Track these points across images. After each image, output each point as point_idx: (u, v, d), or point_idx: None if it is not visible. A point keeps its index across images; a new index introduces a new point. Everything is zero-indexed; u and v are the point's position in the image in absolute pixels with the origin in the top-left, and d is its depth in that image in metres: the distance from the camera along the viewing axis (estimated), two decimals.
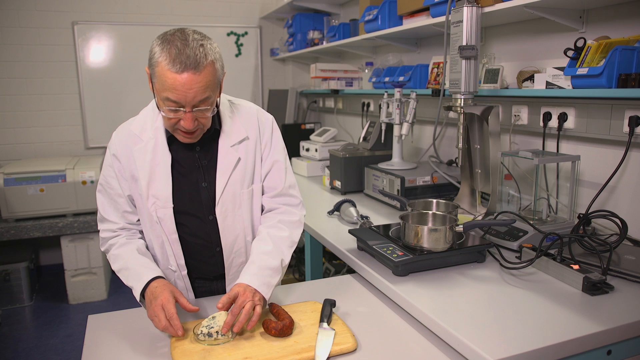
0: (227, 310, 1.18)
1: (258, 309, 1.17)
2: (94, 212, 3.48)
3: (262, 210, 1.48)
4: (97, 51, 3.99)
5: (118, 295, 3.64)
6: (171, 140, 1.36)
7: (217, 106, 1.30)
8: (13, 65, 3.78)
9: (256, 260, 1.30)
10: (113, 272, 3.93)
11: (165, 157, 1.34)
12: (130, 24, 4.06)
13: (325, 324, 1.19)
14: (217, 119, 1.38)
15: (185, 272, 1.43)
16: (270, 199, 1.47)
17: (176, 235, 1.38)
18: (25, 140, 3.90)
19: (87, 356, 1.14)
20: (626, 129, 1.60)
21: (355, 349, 1.12)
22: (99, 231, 1.43)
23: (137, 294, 1.26)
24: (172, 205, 1.35)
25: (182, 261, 1.41)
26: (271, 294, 1.27)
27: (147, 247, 1.42)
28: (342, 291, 1.44)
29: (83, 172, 3.41)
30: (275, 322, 1.17)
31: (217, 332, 1.13)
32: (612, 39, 1.59)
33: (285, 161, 1.48)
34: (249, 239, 1.45)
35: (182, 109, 1.20)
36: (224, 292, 1.50)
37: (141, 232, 1.45)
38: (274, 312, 1.24)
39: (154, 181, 1.34)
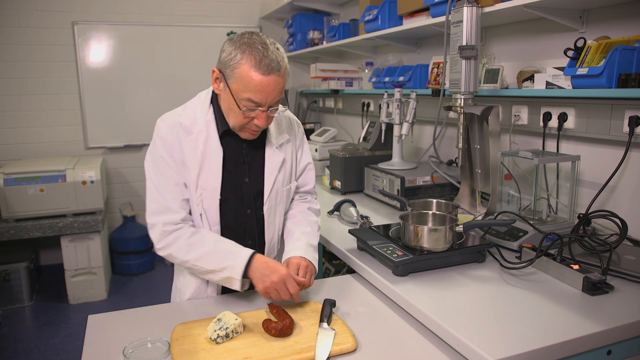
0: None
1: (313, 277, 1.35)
2: (94, 212, 3.48)
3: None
4: (97, 51, 3.99)
5: (118, 295, 3.64)
6: (221, 135, 1.40)
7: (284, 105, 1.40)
8: (13, 65, 3.78)
9: (302, 238, 1.43)
10: (113, 272, 3.96)
11: (217, 151, 1.38)
12: (130, 24, 4.06)
13: (325, 324, 1.19)
14: None
15: None
16: (298, 194, 1.62)
17: (218, 227, 1.42)
18: (25, 140, 3.90)
19: (87, 356, 1.14)
20: (626, 129, 1.60)
21: (355, 349, 1.12)
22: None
23: (238, 271, 1.28)
24: (220, 197, 1.39)
25: None
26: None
27: None
28: (342, 291, 1.45)
29: (83, 172, 3.41)
30: (275, 322, 1.17)
31: (232, 331, 1.16)
32: (612, 39, 1.59)
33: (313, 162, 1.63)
34: (280, 234, 1.55)
35: (259, 108, 1.28)
36: (252, 288, 1.50)
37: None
38: (274, 312, 1.24)
39: (204, 172, 1.37)
